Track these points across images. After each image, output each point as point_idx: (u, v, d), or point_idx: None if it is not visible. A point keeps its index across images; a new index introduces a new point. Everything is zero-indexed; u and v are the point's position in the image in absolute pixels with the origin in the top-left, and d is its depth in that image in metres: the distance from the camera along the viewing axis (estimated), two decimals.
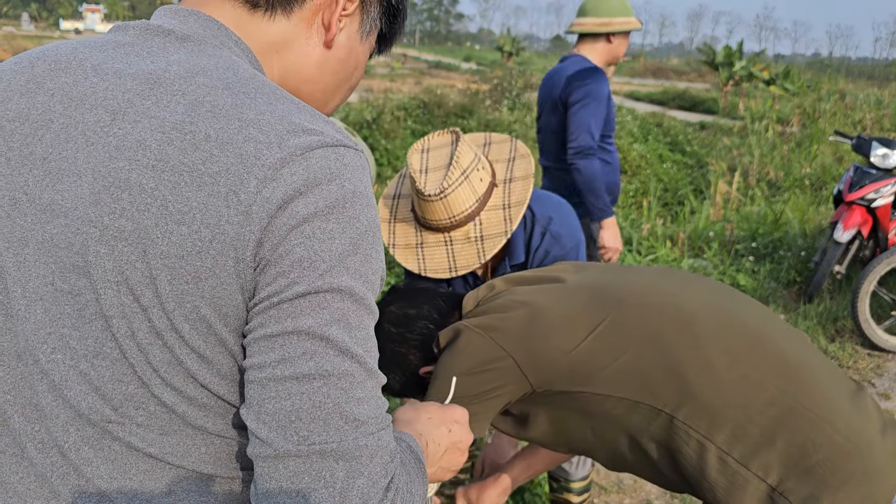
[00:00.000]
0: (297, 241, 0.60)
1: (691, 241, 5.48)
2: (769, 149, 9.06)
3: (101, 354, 0.63)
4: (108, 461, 0.66)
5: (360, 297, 0.63)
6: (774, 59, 50.13)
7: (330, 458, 0.59)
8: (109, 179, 0.61)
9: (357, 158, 0.66)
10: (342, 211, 0.62)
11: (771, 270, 4.86)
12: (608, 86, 2.76)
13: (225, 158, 0.60)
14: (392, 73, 26.48)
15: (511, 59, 30.55)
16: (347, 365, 0.61)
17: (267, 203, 0.59)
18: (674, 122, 13.07)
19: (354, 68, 0.81)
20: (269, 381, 0.60)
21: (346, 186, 0.63)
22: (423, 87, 14.30)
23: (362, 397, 0.61)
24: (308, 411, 0.59)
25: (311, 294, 0.60)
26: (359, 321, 0.63)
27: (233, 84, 0.65)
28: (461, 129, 10.46)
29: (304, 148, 0.62)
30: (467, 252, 1.49)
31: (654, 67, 37.91)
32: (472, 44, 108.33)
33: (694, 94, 19.32)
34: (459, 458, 0.89)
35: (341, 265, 0.61)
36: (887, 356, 3.94)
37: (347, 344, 0.61)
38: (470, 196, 1.46)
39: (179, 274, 0.60)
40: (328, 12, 0.74)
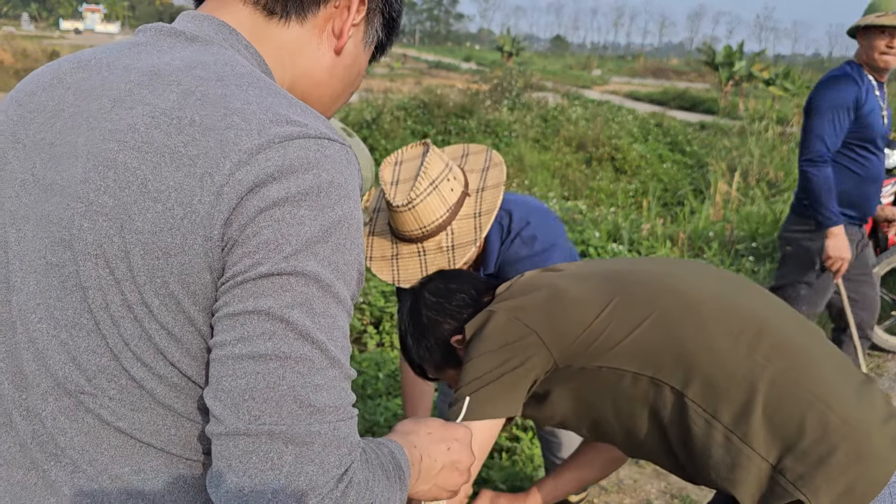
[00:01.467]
0: (266, 224, 0.61)
1: (691, 241, 5.48)
2: (769, 149, 9.06)
3: (78, 325, 0.66)
4: (81, 433, 0.68)
5: (326, 284, 0.62)
6: (774, 60, 50.12)
7: (279, 440, 0.59)
8: (99, 159, 0.65)
9: (341, 152, 0.66)
10: (315, 199, 0.62)
11: (771, 270, 4.86)
12: (858, 91, 2.62)
13: (205, 142, 0.62)
14: (392, 73, 26.48)
15: (511, 59, 30.57)
16: (307, 350, 0.60)
17: (238, 185, 0.61)
18: (674, 122, 13.08)
19: (357, 74, 0.85)
20: (227, 359, 0.60)
21: (323, 176, 0.63)
22: (422, 88, 14.30)
23: (321, 384, 0.61)
24: (262, 391, 0.59)
25: (275, 275, 0.60)
26: (324, 308, 0.62)
27: (227, 77, 0.68)
28: (461, 128, 10.49)
29: (283, 137, 0.63)
30: (439, 261, 1.50)
31: (655, 67, 37.93)
32: (472, 44, 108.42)
33: (694, 95, 19.33)
34: (457, 478, 0.88)
35: (308, 250, 0.61)
36: (887, 356, 3.94)
37: (309, 329, 0.61)
38: (440, 206, 1.47)
39: (151, 249, 0.62)
40: (339, 21, 0.78)
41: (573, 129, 11.02)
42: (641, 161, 9.70)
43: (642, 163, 9.67)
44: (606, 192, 8.64)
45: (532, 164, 9.46)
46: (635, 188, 8.89)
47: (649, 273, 1.29)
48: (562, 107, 13.29)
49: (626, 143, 10.16)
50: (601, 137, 10.26)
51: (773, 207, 6.25)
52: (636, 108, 15.89)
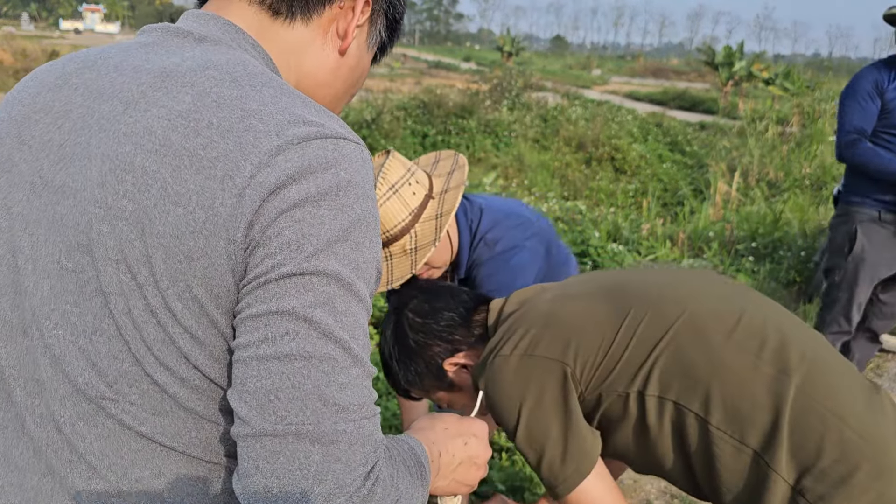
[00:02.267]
0: (287, 225, 0.61)
1: (691, 241, 5.48)
2: (769, 149, 9.06)
3: (98, 330, 0.65)
4: (101, 438, 0.67)
5: (348, 283, 0.63)
6: (774, 60, 50.08)
7: (306, 440, 0.59)
8: (116, 162, 0.64)
9: (358, 151, 0.67)
10: (335, 198, 0.63)
11: (771, 270, 4.86)
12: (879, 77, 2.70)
13: (224, 145, 0.62)
14: (392, 73, 26.48)
15: (511, 59, 30.57)
16: (331, 349, 0.61)
17: (260, 187, 0.61)
18: (674, 122, 13.08)
19: (360, 76, 0.86)
20: (251, 360, 0.61)
21: (342, 175, 0.64)
22: (422, 87, 14.29)
23: (345, 383, 0.61)
24: (287, 391, 0.59)
25: (297, 276, 0.61)
26: (346, 307, 0.63)
27: (240, 77, 0.67)
28: (461, 128, 10.48)
29: (301, 138, 0.63)
30: (403, 264, 1.49)
31: (654, 67, 37.92)
32: (472, 44, 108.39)
33: (694, 95, 19.34)
34: (476, 472, 0.88)
35: (329, 250, 0.62)
36: (887, 356, 3.94)
37: (332, 328, 0.61)
38: (401, 210, 1.46)
39: (173, 253, 0.62)
40: (343, 22, 0.78)
41: (573, 129, 11.02)
42: (641, 161, 9.69)
43: (642, 163, 9.67)
44: (606, 192, 8.63)
45: (532, 164, 9.46)
46: (635, 188, 8.89)
47: (657, 286, 1.23)
48: (562, 107, 13.28)
49: (626, 143, 10.15)
50: (601, 137, 10.26)
51: (773, 207, 6.25)
52: (636, 108, 15.89)
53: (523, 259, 1.58)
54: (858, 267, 2.80)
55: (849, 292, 2.83)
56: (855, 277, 2.81)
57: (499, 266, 1.55)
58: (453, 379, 1.32)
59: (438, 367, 1.31)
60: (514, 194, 6.81)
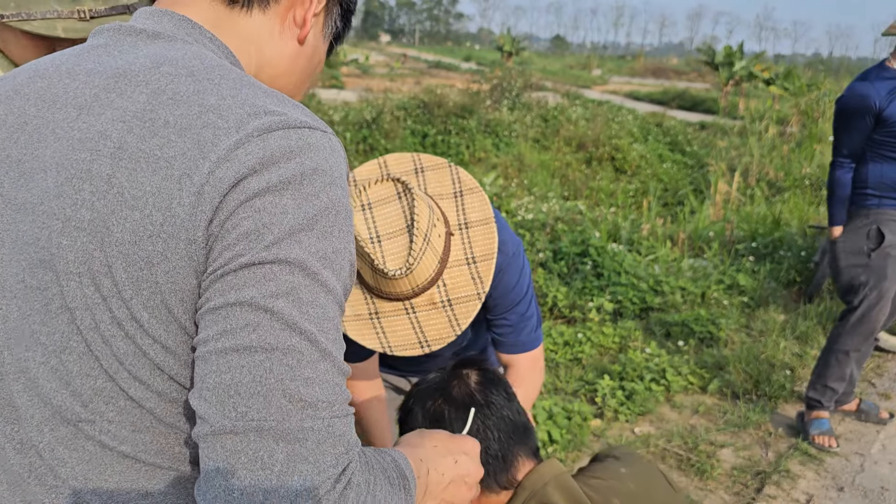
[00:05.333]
0: (246, 215, 0.58)
1: (691, 240, 5.48)
2: (769, 149, 9.06)
3: (68, 349, 0.63)
4: (82, 462, 0.65)
5: (313, 272, 0.59)
6: (774, 59, 50.05)
7: (269, 437, 0.55)
8: (71, 171, 0.62)
9: (325, 140, 0.64)
10: (299, 187, 0.60)
11: (771, 270, 4.86)
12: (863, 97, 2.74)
13: (182, 143, 0.60)
14: (392, 72, 26.45)
15: (511, 58, 30.55)
16: (295, 341, 0.57)
17: (219, 183, 0.58)
18: (674, 122, 13.08)
19: (317, 65, 0.85)
20: (210, 356, 0.57)
21: (307, 164, 0.61)
22: (422, 87, 14.28)
23: (312, 378, 0.57)
24: (247, 385, 0.55)
25: (256, 265, 0.57)
26: (312, 298, 0.59)
27: (197, 71, 0.65)
28: (461, 128, 10.47)
29: (262, 129, 0.61)
30: (436, 321, 1.25)
31: (655, 67, 37.90)
32: (472, 44, 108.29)
33: (694, 94, 19.32)
34: (466, 492, 0.84)
35: (292, 238, 0.58)
36: (887, 356, 3.94)
37: (296, 319, 0.57)
38: (433, 260, 1.22)
39: (133, 260, 0.59)
40: (301, 10, 0.77)
41: (573, 128, 11.01)
42: (641, 161, 9.69)
43: (642, 163, 9.66)
44: (606, 192, 8.63)
45: (532, 163, 9.46)
46: (635, 188, 8.88)
47: None
48: (562, 107, 13.28)
49: (626, 142, 10.15)
50: (601, 137, 10.26)
51: (773, 207, 6.25)
52: (636, 107, 15.88)
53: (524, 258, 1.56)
54: (885, 259, 2.80)
55: (878, 290, 2.81)
56: (884, 272, 2.80)
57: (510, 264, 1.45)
58: None
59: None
60: (514, 194, 6.80)
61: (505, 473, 1.15)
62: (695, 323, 3.96)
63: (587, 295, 4.31)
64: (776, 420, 3.18)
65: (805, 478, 2.78)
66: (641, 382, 3.35)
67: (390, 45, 71.46)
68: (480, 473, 0.87)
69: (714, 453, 2.90)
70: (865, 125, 2.76)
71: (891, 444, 3.01)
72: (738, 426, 3.11)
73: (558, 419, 2.93)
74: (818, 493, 2.69)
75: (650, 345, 3.75)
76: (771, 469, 2.80)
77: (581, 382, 3.43)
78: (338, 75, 20.81)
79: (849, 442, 3.01)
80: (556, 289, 4.34)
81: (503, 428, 1.16)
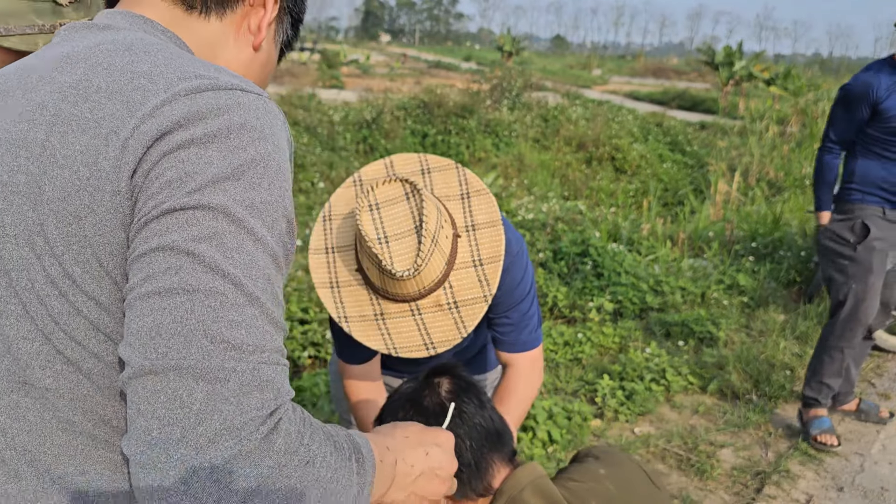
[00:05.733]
0: (169, 165, 0.59)
1: (691, 240, 5.48)
2: (769, 149, 9.05)
3: (5, 312, 0.64)
4: (23, 432, 0.64)
5: (238, 219, 0.59)
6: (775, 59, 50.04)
7: (188, 375, 0.54)
8: (11, 142, 0.65)
9: (258, 101, 0.65)
10: (225, 140, 0.60)
11: (771, 270, 4.86)
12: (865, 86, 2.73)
13: (111, 105, 0.62)
14: (392, 72, 26.45)
15: (511, 58, 30.55)
16: (218, 283, 0.57)
17: (143, 136, 0.60)
18: (674, 122, 13.07)
19: (269, 71, 0.88)
20: (134, 301, 0.57)
21: (234, 119, 0.61)
22: (422, 87, 14.28)
23: (237, 321, 0.57)
24: (168, 326, 0.55)
25: (178, 211, 0.58)
26: (238, 244, 0.58)
27: (136, 46, 0.68)
28: (461, 128, 10.46)
29: (191, 90, 0.62)
30: (442, 323, 1.24)
31: (655, 67, 37.89)
32: (472, 43, 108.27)
33: (694, 94, 19.31)
34: (438, 486, 0.82)
35: (216, 186, 0.59)
36: (887, 356, 3.94)
37: (219, 262, 0.57)
38: (440, 261, 1.21)
39: (63, 216, 0.61)
40: (255, 18, 0.81)
41: (573, 128, 11.01)
42: (641, 161, 9.69)
43: (642, 163, 9.66)
44: (606, 192, 8.63)
45: (532, 163, 9.46)
46: (635, 188, 8.89)
47: None
48: (562, 106, 13.27)
49: (627, 142, 10.15)
50: (601, 137, 10.26)
51: (774, 207, 6.25)
52: (636, 107, 15.88)
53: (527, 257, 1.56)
54: (870, 253, 2.80)
55: (864, 283, 2.82)
56: (869, 266, 2.80)
57: (514, 263, 1.45)
58: None
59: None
60: (514, 194, 6.80)
61: (480, 481, 1.15)
62: (695, 323, 3.96)
63: (587, 295, 4.31)
64: (776, 420, 3.18)
65: (805, 478, 2.78)
66: (641, 382, 3.35)
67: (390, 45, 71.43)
68: (454, 467, 0.85)
69: (714, 453, 2.90)
70: (861, 115, 2.76)
71: (891, 444, 3.01)
72: (737, 426, 3.11)
73: (558, 419, 2.93)
74: (818, 493, 2.69)
75: (650, 345, 3.75)
76: (771, 469, 2.80)
77: (581, 382, 3.43)
78: (338, 75, 20.79)
79: (849, 442, 3.01)
80: (557, 289, 4.34)
81: (475, 436, 1.15)
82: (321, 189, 7.62)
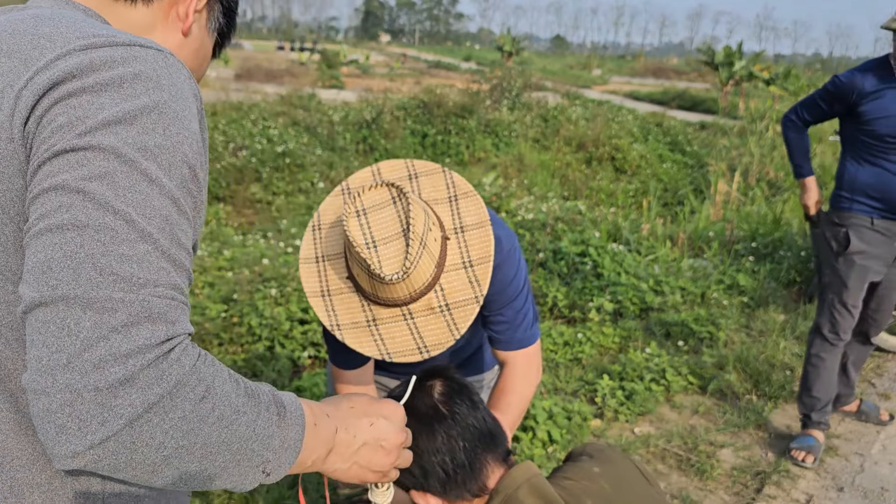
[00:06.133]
0: (61, 111, 0.61)
1: (691, 240, 5.48)
2: (769, 149, 9.05)
3: None
4: None
5: (131, 160, 0.59)
6: (775, 59, 50.02)
7: (76, 305, 0.55)
8: None
9: (159, 56, 0.66)
10: (118, 89, 0.62)
11: (771, 270, 4.86)
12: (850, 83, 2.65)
13: (10, 63, 0.64)
14: (391, 72, 26.44)
15: (511, 58, 30.56)
16: (109, 219, 0.58)
17: (36, 86, 0.62)
18: (674, 122, 13.07)
19: (203, 59, 0.90)
20: (30, 241, 0.59)
21: (128, 70, 0.63)
22: (422, 87, 14.28)
23: (128, 255, 0.58)
24: (59, 261, 0.56)
25: (70, 152, 0.59)
26: (131, 184, 0.59)
27: (44, 15, 0.69)
28: (461, 128, 10.46)
29: (86, 45, 0.64)
30: (434, 325, 1.24)
31: (655, 67, 37.89)
32: (472, 43, 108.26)
33: (694, 94, 19.32)
34: (382, 457, 0.81)
35: (107, 129, 0.60)
36: (887, 356, 3.94)
37: (110, 199, 0.58)
38: (429, 264, 1.21)
39: None
40: (183, 6, 0.83)
41: (573, 128, 11.01)
42: (641, 161, 9.69)
43: (642, 163, 9.66)
44: (606, 192, 8.63)
45: (532, 163, 9.46)
46: (635, 188, 8.88)
47: None
48: (562, 107, 13.27)
49: (627, 142, 10.14)
50: (601, 137, 10.25)
51: (773, 207, 6.25)
52: (636, 107, 15.88)
53: (521, 256, 1.55)
54: (849, 268, 2.76)
55: (839, 297, 2.79)
56: (846, 278, 2.77)
57: (506, 260, 1.46)
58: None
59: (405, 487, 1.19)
60: (514, 194, 6.80)
61: (475, 482, 1.16)
62: (695, 323, 3.96)
63: (587, 295, 4.31)
64: (776, 420, 3.18)
65: (805, 478, 2.78)
66: (641, 382, 3.35)
67: (390, 45, 71.40)
68: (401, 439, 0.84)
69: (714, 453, 2.90)
70: (834, 111, 2.73)
71: (891, 445, 3.01)
72: (737, 426, 3.11)
73: (558, 419, 2.93)
74: (818, 493, 2.69)
75: (650, 345, 3.75)
76: (771, 469, 2.79)
77: (581, 382, 3.43)
78: (338, 75, 20.79)
79: (849, 442, 3.01)
80: (556, 289, 4.34)
81: (468, 437, 1.16)
82: (321, 189, 7.62)
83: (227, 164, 7.74)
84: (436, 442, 1.15)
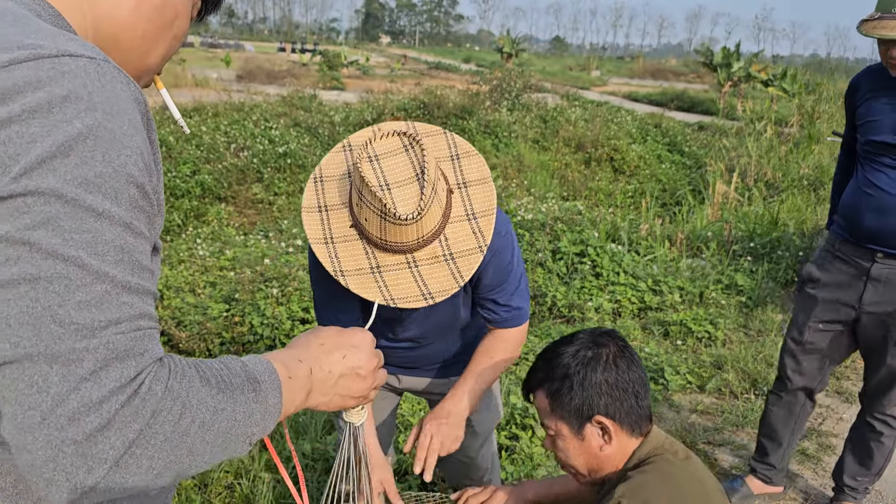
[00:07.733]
0: None
1: (689, 240, 5.50)
2: (767, 149, 9.08)
3: None
4: None
5: (74, 199, 0.57)
6: (773, 60, 50.12)
7: (41, 361, 0.55)
8: None
9: (91, 66, 0.61)
10: (47, 115, 0.57)
11: (769, 270, 4.88)
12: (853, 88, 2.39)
13: None
14: (392, 73, 26.47)
15: (510, 60, 30.56)
16: (60, 267, 0.56)
17: None
18: (672, 122, 13.09)
19: (175, 17, 0.80)
20: None
21: (56, 91, 0.58)
22: (422, 88, 14.30)
23: (86, 301, 0.56)
24: (16, 317, 0.55)
25: (8, 199, 0.56)
26: (77, 224, 0.57)
27: None
28: (461, 129, 10.48)
29: (7, 62, 0.58)
30: (439, 273, 1.27)
31: (653, 68, 37.91)
32: (472, 45, 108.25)
33: (692, 95, 19.34)
34: (359, 384, 0.85)
35: (44, 167, 0.56)
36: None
37: (57, 247, 0.56)
38: (438, 210, 1.25)
39: None
40: None
41: (572, 129, 11.03)
42: (640, 161, 9.71)
43: (641, 163, 9.68)
44: (605, 193, 8.65)
45: (531, 164, 9.48)
46: (634, 188, 8.90)
47: None
48: (561, 108, 13.30)
49: (625, 143, 10.16)
50: (600, 138, 10.28)
51: (771, 208, 6.28)
52: (635, 108, 15.90)
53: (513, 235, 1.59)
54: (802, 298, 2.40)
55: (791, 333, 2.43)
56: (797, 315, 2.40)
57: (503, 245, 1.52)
58: (585, 433, 1.35)
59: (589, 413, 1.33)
60: (513, 194, 6.83)
61: (648, 423, 1.37)
62: (693, 322, 3.98)
63: (586, 294, 4.34)
64: None
65: (803, 477, 2.80)
66: None
67: (390, 47, 71.42)
68: (375, 363, 0.88)
69: (712, 452, 2.92)
70: (852, 116, 2.39)
71: None
72: (736, 425, 3.13)
73: None
74: (817, 492, 2.71)
75: (648, 344, 3.77)
76: None
77: None
78: (338, 76, 20.83)
79: None
80: (555, 288, 4.36)
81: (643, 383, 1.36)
82: None
83: (229, 164, 7.77)
84: (632, 373, 1.34)
